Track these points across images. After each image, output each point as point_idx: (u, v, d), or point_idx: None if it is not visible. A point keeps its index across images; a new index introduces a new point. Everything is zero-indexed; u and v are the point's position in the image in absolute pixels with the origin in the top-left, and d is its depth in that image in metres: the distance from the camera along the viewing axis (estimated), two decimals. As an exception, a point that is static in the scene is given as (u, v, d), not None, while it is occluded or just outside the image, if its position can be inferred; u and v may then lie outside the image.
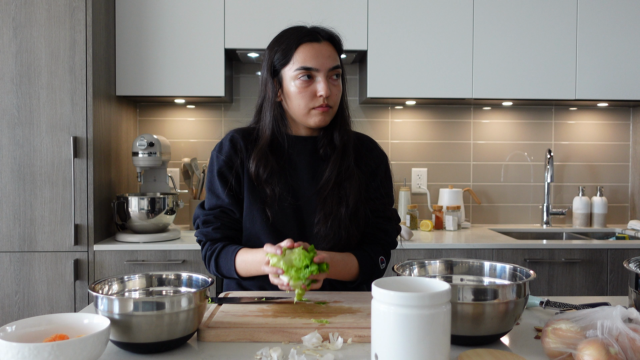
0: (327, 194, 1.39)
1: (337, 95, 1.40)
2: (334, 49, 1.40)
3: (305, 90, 1.36)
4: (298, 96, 1.37)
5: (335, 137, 1.43)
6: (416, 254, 2.45)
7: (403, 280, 0.94)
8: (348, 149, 1.43)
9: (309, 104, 1.37)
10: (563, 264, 2.49)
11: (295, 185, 1.41)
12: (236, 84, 3.05)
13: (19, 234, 2.35)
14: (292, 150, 1.43)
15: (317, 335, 1.02)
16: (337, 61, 1.39)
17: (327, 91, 1.35)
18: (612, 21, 2.76)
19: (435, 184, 3.11)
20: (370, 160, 1.50)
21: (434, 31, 2.72)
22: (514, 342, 1.06)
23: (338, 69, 1.38)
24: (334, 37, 1.41)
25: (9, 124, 2.34)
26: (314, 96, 1.36)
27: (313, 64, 1.35)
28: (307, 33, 1.38)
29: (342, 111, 1.45)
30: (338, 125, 1.44)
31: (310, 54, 1.35)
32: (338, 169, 1.40)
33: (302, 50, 1.36)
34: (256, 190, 1.41)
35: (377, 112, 3.08)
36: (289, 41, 1.37)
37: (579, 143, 3.16)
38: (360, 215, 1.43)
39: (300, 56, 1.35)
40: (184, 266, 2.41)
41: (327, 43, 1.39)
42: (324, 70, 1.35)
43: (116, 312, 0.95)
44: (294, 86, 1.36)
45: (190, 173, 2.84)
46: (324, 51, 1.36)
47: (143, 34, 2.64)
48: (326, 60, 1.36)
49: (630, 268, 1.15)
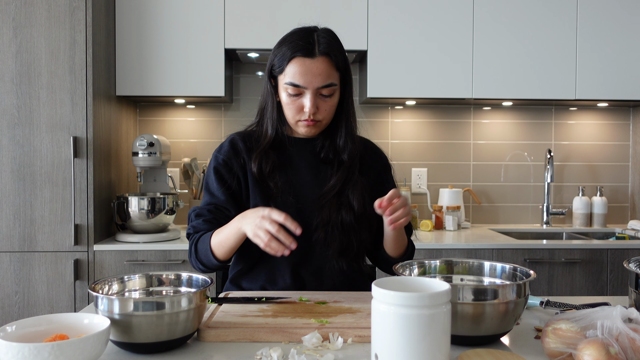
0: (326, 202, 1.40)
1: (327, 110, 1.38)
2: (329, 65, 1.34)
3: (293, 103, 1.36)
4: (287, 107, 1.38)
5: (340, 145, 1.43)
6: (416, 254, 2.43)
7: (403, 280, 0.94)
8: (355, 163, 1.44)
9: (296, 116, 1.37)
10: (563, 264, 2.49)
11: (297, 184, 1.42)
12: (236, 84, 3.05)
13: (19, 234, 2.35)
14: (292, 150, 1.44)
15: (317, 335, 1.02)
16: (331, 78, 1.34)
17: (311, 109, 1.34)
18: (612, 21, 2.76)
19: (435, 184, 3.11)
20: (376, 164, 1.52)
21: (434, 31, 2.72)
22: (514, 342, 1.06)
23: (330, 87, 1.35)
24: (333, 51, 1.35)
25: (9, 124, 2.34)
26: (301, 110, 1.36)
27: (301, 81, 1.33)
28: (302, 46, 1.33)
29: (346, 119, 1.43)
30: (341, 133, 1.43)
31: (300, 71, 1.32)
32: (344, 180, 1.41)
33: (293, 65, 1.33)
34: (260, 187, 1.41)
35: (377, 112, 3.08)
36: (285, 50, 1.35)
37: (579, 143, 3.16)
38: (371, 219, 1.42)
39: (290, 70, 1.34)
40: (184, 266, 2.41)
41: (323, 59, 1.33)
42: (312, 88, 1.33)
43: (116, 312, 0.95)
44: (284, 97, 1.37)
45: (190, 173, 2.84)
46: (314, 69, 1.32)
47: (143, 34, 2.64)
48: (315, 79, 1.32)
49: (630, 268, 1.15)
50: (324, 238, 1.39)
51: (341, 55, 1.37)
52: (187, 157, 2.99)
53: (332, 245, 1.40)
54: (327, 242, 1.39)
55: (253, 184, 1.42)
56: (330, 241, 1.39)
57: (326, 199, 1.40)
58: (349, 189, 1.41)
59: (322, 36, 1.35)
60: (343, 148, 1.43)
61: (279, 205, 1.38)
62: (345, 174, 1.42)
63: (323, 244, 1.40)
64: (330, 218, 1.39)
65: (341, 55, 1.37)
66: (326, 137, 1.45)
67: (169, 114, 3.03)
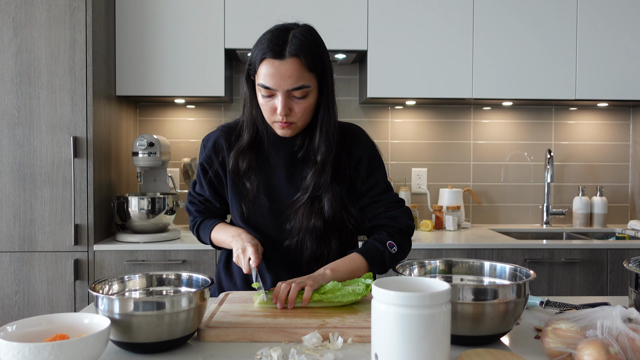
0: (300, 206, 1.39)
1: (300, 112, 1.33)
2: (300, 66, 1.28)
3: (267, 104, 1.33)
4: (262, 107, 1.36)
5: (315, 145, 1.39)
6: (416, 254, 2.45)
7: (403, 280, 0.94)
8: (327, 164, 1.39)
9: (271, 117, 1.35)
10: (563, 264, 2.49)
11: (272, 185, 1.42)
12: (236, 84, 3.05)
13: (19, 234, 2.35)
14: (270, 149, 1.43)
15: (317, 335, 1.02)
16: (301, 80, 1.28)
17: (282, 111, 1.30)
18: (612, 21, 2.76)
19: (435, 184, 3.11)
20: (355, 152, 1.45)
21: (434, 31, 2.72)
22: (514, 342, 1.06)
23: (301, 89, 1.29)
24: (303, 52, 1.28)
25: (9, 124, 2.34)
26: (274, 111, 1.33)
27: (270, 83, 1.28)
28: (271, 48, 1.28)
29: (322, 120, 1.38)
30: (317, 134, 1.39)
31: (269, 72, 1.28)
32: (314, 184, 1.39)
33: (264, 67, 1.29)
34: (237, 186, 1.44)
35: (377, 112, 3.08)
36: (257, 51, 1.31)
37: (579, 143, 3.16)
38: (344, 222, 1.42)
39: (261, 72, 1.30)
40: (184, 266, 2.41)
41: (292, 60, 1.27)
42: (281, 90, 1.29)
43: (116, 312, 0.95)
44: (259, 97, 1.35)
45: (190, 173, 2.84)
46: (283, 71, 1.27)
47: (143, 34, 2.64)
48: (284, 81, 1.28)
49: (630, 268, 1.15)
50: (296, 244, 1.40)
51: (315, 55, 1.31)
52: (187, 157, 2.99)
53: (304, 253, 1.41)
54: (298, 249, 1.41)
55: (231, 182, 1.45)
56: (302, 249, 1.41)
57: (300, 204, 1.39)
58: (322, 194, 1.39)
59: (296, 36, 1.29)
60: (317, 149, 1.39)
61: (252, 206, 1.42)
62: (318, 178, 1.38)
63: (295, 251, 1.41)
64: (302, 225, 1.39)
65: (315, 55, 1.31)
66: (305, 136, 1.41)
67: (169, 114, 3.03)
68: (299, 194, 1.40)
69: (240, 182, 1.43)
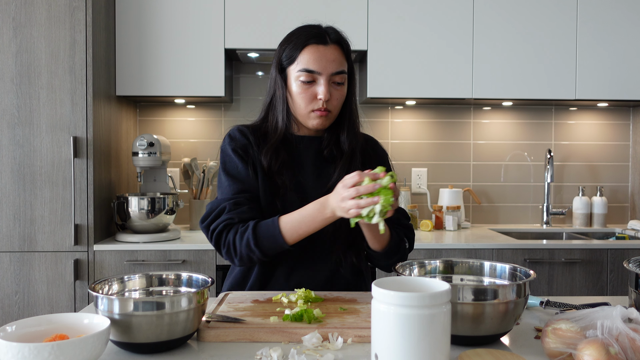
0: None
1: (339, 99, 1.40)
2: (341, 53, 1.39)
3: (306, 91, 1.37)
4: (299, 97, 1.38)
5: (343, 140, 1.44)
6: (416, 254, 2.45)
7: (403, 280, 0.94)
8: (356, 154, 1.44)
9: (309, 105, 1.38)
10: (563, 264, 2.49)
11: (302, 182, 1.42)
12: (236, 84, 3.05)
13: (19, 234, 2.35)
14: (299, 147, 1.45)
15: (317, 335, 1.02)
16: (343, 66, 1.39)
17: (326, 95, 1.35)
18: (612, 21, 2.76)
19: (435, 184, 3.11)
20: (375, 155, 1.52)
21: (434, 31, 2.72)
22: (514, 342, 1.06)
23: (342, 74, 1.38)
24: (343, 41, 1.41)
25: (9, 124, 2.34)
26: (314, 98, 1.37)
27: (316, 66, 1.35)
28: (315, 34, 1.37)
29: (349, 114, 1.45)
30: (345, 128, 1.44)
31: (314, 57, 1.36)
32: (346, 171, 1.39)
33: (307, 52, 1.36)
34: (267, 182, 1.40)
35: (377, 112, 3.08)
36: (297, 40, 1.38)
37: (579, 143, 3.16)
38: None
39: (304, 57, 1.36)
40: (184, 266, 2.41)
41: (335, 47, 1.38)
42: (326, 74, 1.36)
43: (116, 312, 0.95)
44: (296, 86, 1.38)
45: (190, 173, 2.84)
46: (328, 55, 1.36)
47: (143, 34, 2.64)
48: (329, 64, 1.36)
49: (630, 268, 1.15)
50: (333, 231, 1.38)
51: (349, 47, 1.43)
52: (187, 157, 2.99)
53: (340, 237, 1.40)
54: (335, 234, 1.40)
55: (262, 178, 1.42)
56: (338, 234, 1.40)
57: None
58: None
59: (331, 28, 1.41)
60: (345, 142, 1.43)
61: (284, 202, 1.38)
62: (348, 165, 1.41)
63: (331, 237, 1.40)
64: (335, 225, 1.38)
65: (349, 47, 1.43)
66: (331, 134, 1.45)
67: (169, 114, 3.03)
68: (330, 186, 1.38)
69: (272, 179, 1.40)
